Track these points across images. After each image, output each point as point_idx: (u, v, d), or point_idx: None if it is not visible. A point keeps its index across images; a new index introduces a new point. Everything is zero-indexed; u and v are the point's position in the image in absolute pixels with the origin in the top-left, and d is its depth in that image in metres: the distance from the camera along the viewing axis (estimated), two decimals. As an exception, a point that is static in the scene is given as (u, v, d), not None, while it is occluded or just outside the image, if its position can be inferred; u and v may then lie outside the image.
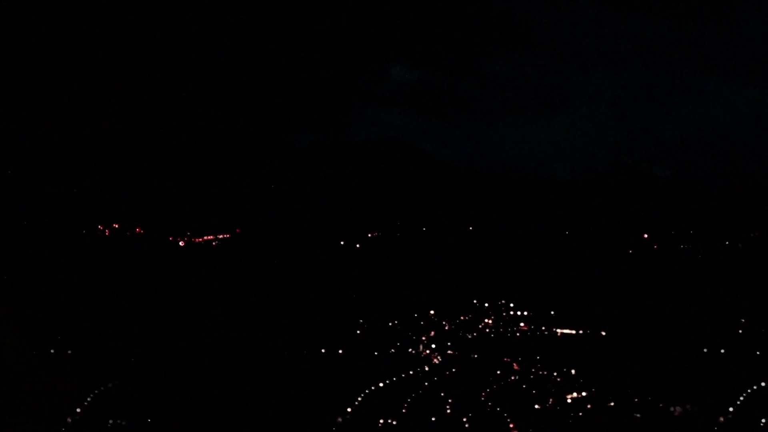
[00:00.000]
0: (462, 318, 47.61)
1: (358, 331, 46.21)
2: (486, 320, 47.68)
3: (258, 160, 63.96)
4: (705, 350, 44.22)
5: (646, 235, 55.39)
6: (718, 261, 53.35)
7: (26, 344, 39.60)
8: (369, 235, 55.01)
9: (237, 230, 54.88)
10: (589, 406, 39.35)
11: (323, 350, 44.08)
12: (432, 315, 47.56)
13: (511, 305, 48.63)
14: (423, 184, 63.25)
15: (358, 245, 54.19)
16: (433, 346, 45.10)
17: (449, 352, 44.77)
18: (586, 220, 57.97)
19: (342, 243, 54.17)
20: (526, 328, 47.32)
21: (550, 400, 39.80)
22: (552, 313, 48.05)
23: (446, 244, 54.75)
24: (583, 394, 40.19)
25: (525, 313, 48.20)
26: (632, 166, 71.43)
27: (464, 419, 38.04)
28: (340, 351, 44.09)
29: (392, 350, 44.67)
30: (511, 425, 37.50)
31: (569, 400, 39.84)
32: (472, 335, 46.67)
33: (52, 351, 41.63)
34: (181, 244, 53.23)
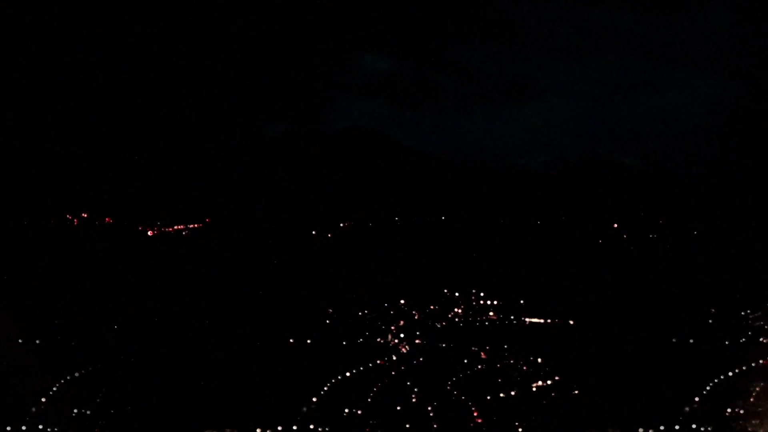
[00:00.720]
0: (432, 307, 47.68)
1: (327, 321, 46.22)
2: (456, 309, 47.79)
3: (229, 149, 63.78)
4: (673, 340, 44.53)
5: (616, 225, 55.69)
6: (688, 250, 53.72)
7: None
8: (341, 225, 55.00)
9: (207, 220, 54.73)
10: (553, 395, 39.59)
11: (291, 339, 44.11)
12: (402, 304, 47.62)
13: (482, 294, 48.75)
14: (394, 173, 63.23)
15: (329, 235, 54.18)
16: (402, 335, 45.17)
17: (417, 341, 44.85)
18: (557, 210, 58.15)
19: (313, 233, 54.13)
20: (495, 317, 47.47)
21: (516, 388, 40.00)
22: (521, 302, 48.22)
23: (417, 234, 54.80)
24: (548, 382, 40.41)
25: (495, 302, 48.34)
26: (603, 156, 71.75)
27: (429, 408, 38.18)
28: (308, 340, 44.11)
29: (360, 339, 44.70)
30: (475, 413, 37.71)
31: (534, 389, 40.07)
32: (442, 324, 46.77)
33: (20, 341, 41.47)
34: (150, 233, 53.00)
